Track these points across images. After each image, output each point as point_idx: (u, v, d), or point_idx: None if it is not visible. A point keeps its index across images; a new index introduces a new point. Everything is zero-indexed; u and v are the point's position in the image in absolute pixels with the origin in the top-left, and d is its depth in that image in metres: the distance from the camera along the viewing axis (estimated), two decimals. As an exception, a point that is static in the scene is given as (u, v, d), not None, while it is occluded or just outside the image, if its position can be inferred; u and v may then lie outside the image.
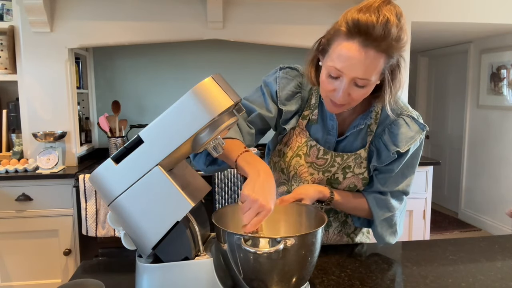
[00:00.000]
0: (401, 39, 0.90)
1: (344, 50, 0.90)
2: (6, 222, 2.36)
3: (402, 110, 1.10)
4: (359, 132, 1.12)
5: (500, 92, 3.92)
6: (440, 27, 3.33)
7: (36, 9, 2.43)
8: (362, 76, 0.91)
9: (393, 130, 1.09)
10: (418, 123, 1.09)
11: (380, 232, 1.15)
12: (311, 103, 1.15)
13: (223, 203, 2.40)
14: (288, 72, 1.14)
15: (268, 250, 0.76)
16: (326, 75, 0.97)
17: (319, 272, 1.03)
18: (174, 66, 3.20)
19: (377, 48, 0.88)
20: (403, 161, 1.10)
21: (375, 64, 0.90)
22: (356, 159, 1.12)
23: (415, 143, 1.09)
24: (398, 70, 0.98)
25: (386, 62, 0.93)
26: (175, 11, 2.63)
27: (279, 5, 2.70)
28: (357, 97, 0.97)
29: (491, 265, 1.07)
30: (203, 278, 0.83)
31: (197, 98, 0.75)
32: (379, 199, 1.13)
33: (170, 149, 0.77)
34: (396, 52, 0.92)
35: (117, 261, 1.15)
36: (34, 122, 2.58)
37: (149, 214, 0.80)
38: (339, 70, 0.92)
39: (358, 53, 0.89)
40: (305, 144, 1.14)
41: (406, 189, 1.15)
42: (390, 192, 1.14)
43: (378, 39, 0.87)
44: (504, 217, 3.86)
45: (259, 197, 0.83)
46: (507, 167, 3.87)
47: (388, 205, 1.13)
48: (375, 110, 1.11)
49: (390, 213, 1.13)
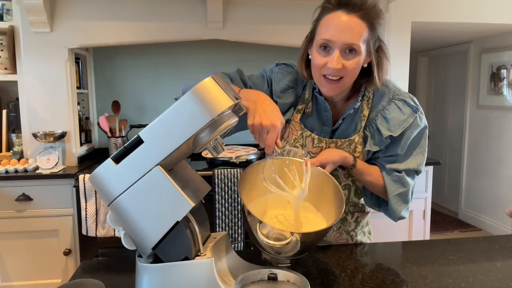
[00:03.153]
0: (376, 7, 1.03)
1: (330, 20, 1.02)
2: (6, 222, 2.36)
3: (394, 94, 1.14)
4: (352, 118, 1.16)
5: (500, 92, 3.91)
6: (440, 27, 3.33)
7: (36, 9, 2.43)
8: (351, 40, 1.00)
9: (385, 115, 1.13)
10: (410, 105, 1.13)
11: (395, 207, 1.16)
12: (305, 97, 1.20)
13: (223, 203, 2.40)
14: (283, 68, 1.22)
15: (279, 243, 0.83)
16: (316, 51, 1.05)
17: (319, 272, 1.03)
18: (174, 66, 3.20)
19: (358, 14, 1.00)
20: (402, 144, 1.13)
21: (359, 29, 1.01)
22: (351, 145, 1.15)
23: (411, 125, 1.12)
24: (382, 51, 1.09)
25: (370, 33, 1.03)
26: (175, 11, 2.63)
27: (279, 5, 2.70)
28: (349, 66, 1.03)
29: (491, 265, 1.07)
30: (203, 278, 0.83)
31: (197, 98, 0.75)
32: (394, 175, 1.15)
33: (170, 149, 0.77)
34: (375, 19, 1.03)
35: (117, 261, 1.15)
36: (34, 122, 2.58)
37: (149, 214, 0.80)
38: (328, 39, 1.01)
39: (343, 19, 1.00)
40: (301, 135, 1.18)
41: (418, 168, 1.17)
42: (404, 171, 1.15)
43: (357, 6, 1.00)
44: (504, 217, 3.86)
45: (261, 120, 0.93)
46: (507, 167, 3.87)
47: (403, 181, 1.15)
48: (366, 95, 1.15)
49: (404, 189, 1.15)
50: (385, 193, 1.17)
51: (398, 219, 1.19)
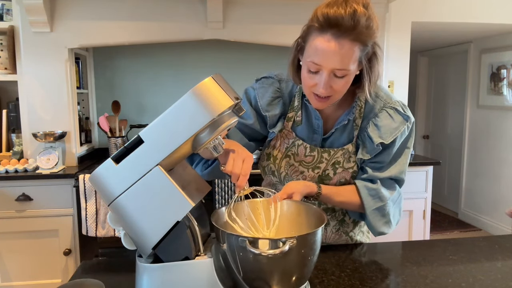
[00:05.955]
0: (371, 27, 0.94)
1: (319, 44, 0.95)
2: (6, 222, 2.36)
3: (385, 102, 1.12)
4: (344, 127, 1.14)
5: (500, 92, 3.91)
6: (440, 27, 3.33)
7: (36, 9, 2.43)
8: (340, 66, 0.95)
9: (377, 123, 1.11)
10: (401, 114, 1.11)
11: (373, 222, 1.14)
12: (294, 105, 1.18)
13: (223, 203, 2.40)
14: (263, 81, 1.20)
15: (273, 251, 0.76)
16: (306, 71, 1.01)
17: (319, 272, 1.03)
18: (174, 66, 3.20)
19: (349, 37, 0.93)
20: (392, 151, 1.12)
21: (350, 53, 0.94)
22: (344, 154, 1.14)
23: (401, 133, 1.10)
24: (375, 58, 1.02)
25: (362, 50, 0.97)
26: (175, 11, 2.63)
27: (279, 5, 2.70)
28: (338, 88, 1.00)
29: (491, 265, 1.07)
30: (203, 278, 0.83)
31: (197, 98, 0.75)
32: (370, 188, 1.13)
33: (170, 149, 0.77)
34: (369, 40, 0.96)
35: (117, 261, 1.15)
36: (34, 122, 2.58)
37: (149, 214, 0.80)
38: (317, 64, 0.97)
39: (332, 45, 0.93)
40: (293, 144, 1.17)
41: (399, 176, 1.15)
42: (380, 180, 1.14)
43: (348, 29, 0.92)
44: (504, 217, 3.86)
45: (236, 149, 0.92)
46: (507, 167, 3.87)
47: (380, 195, 1.13)
48: (359, 104, 1.13)
49: (381, 203, 1.13)
50: (362, 208, 1.14)
51: (378, 234, 1.17)
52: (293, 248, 0.77)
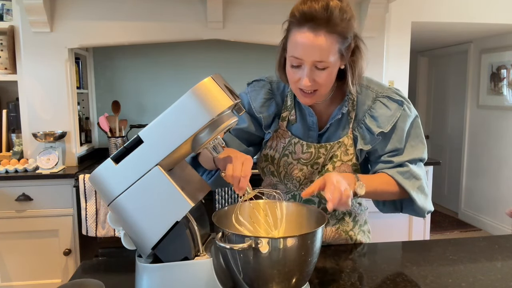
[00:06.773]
0: (345, 18, 0.97)
1: (298, 39, 0.98)
2: (6, 222, 2.36)
3: (378, 93, 1.14)
4: (339, 121, 1.16)
5: (500, 92, 3.91)
6: (440, 27, 3.33)
7: (36, 9, 2.43)
8: (319, 58, 0.98)
9: (373, 114, 1.13)
10: (394, 100, 1.13)
11: (421, 204, 1.12)
12: (287, 105, 1.20)
13: (223, 203, 2.40)
14: (255, 85, 1.23)
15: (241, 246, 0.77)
16: (289, 66, 1.04)
17: (319, 272, 1.03)
18: (174, 66, 3.20)
19: (325, 29, 0.96)
20: (397, 136, 1.12)
21: (328, 45, 0.97)
22: (341, 147, 1.15)
23: (398, 117, 1.11)
24: (358, 51, 1.05)
25: (341, 43, 0.99)
26: (175, 11, 2.63)
27: (279, 5, 2.69)
28: (321, 80, 1.02)
29: (491, 265, 1.07)
30: (203, 278, 0.83)
31: (196, 98, 0.75)
32: (402, 172, 1.12)
33: (170, 149, 0.77)
34: (346, 31, 0.98)
35: (117, 261, 1.15)
36: (34, 122, 2.58)
37: (149, 214, 0.80)
38: (297, 57, 0.99)
39: (310, 38, 0.97)
40: (289, 143, 1.18)
41: (421, 156, 1.16)
42: (408, 161, 1.13)
43: (323, 21, 0.95)
44: (504, 217, 3.86)
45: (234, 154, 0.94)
46: (507, 167, 3.87)
47: (414, 174, 1.12)
48: (351, 98, 1.15)
49: (419, 181, 1.13)
50: (402, 194, 1.12)
51: (427, 213, 1.15)
52: (292, 248, 0.78)
